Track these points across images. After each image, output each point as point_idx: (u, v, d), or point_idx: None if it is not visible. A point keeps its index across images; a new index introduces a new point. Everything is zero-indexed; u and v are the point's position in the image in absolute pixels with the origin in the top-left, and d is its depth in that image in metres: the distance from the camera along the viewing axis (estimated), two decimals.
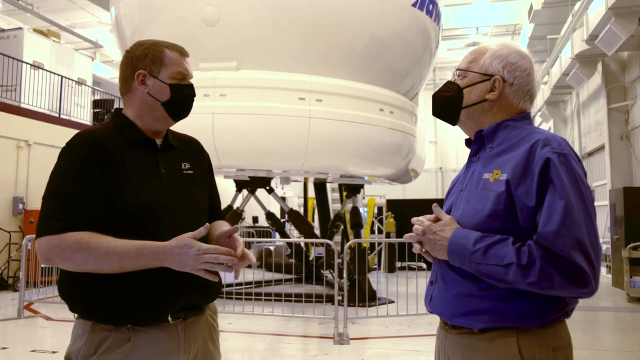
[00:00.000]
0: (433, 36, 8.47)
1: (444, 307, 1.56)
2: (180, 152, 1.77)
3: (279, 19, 6.99)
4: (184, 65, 1.72)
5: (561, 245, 1.33)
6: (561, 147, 1.44)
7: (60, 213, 1.52)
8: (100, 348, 1.54)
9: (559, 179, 1.39)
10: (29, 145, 11.11)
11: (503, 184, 1.45)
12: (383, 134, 7.65)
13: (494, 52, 1.61)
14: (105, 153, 1.59)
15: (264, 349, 5.81)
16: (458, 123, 1.69)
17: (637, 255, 8.96)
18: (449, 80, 1.70)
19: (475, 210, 1.50)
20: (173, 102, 1.69)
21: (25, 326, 6.83)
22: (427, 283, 1.68)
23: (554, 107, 17.75)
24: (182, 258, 1.47)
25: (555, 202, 1.37)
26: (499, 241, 1.41)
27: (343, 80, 7.34)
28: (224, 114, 6.96)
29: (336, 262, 6.78)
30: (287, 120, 7.01)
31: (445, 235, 1.50)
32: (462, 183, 1.64)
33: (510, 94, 1.60)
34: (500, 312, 1.44)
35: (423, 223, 1.55)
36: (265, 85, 7.09)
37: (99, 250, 1.48)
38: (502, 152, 1.54)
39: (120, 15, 7.97)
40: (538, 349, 1.43)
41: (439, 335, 1.66)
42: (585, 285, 1.35)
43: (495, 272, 1.39)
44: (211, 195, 1.85)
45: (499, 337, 1.45)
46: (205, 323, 1.73)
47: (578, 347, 5.87)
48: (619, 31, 9.39)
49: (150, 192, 1.61)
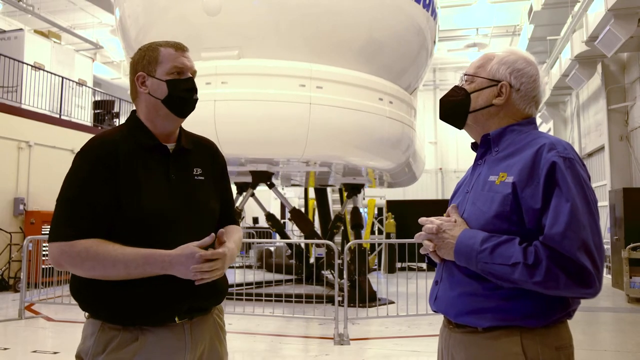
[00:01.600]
0: (429, 31, 8.54)
1: (449, 306, 1.58)
2: (193, 157, 1.78)
3: (280, 9, 7.11)
4: (179, 59, 1.71)
5: (567, 247, 1.36)
6: (567, 151, 1.47)
7: (70, 220, 1.55)
8: (108, 347, 1.57)
9: (564, 183, 1.42)
10: (30, 146, 11.12)
11: (509, 186, 1.48)
12: (382, 123, 7.73)
13: (502, 59, 1.65)
14: (116, 159, 1.61)
15: (265, 350, 5.83)
16: (464, 127, 1.73)
17: (637, 255, 8.97)
18: (456, 85, 1.73)
19: (482, 211, 1.53)
20: (172, 97, 1.69)
21: (26, 327, 6.84)
22: (432, 283, 1.70)
23: (553, 108, 17.76)
24: (187, 267, 1.51)
25: (561, 205, 1.40)
26: (506, 241, 1.44)
27: (343, 69, 7.44)
28: (225, 101, 7.04)
29: (336, 262, 6.80)
30: (288, 106, 7.10)
31: (454, 234, 1.53)
32: (468, 185, 1.68)
33: (516, 100, 1.63)
34: (505, 312, 1.47)
35: (434, 222, 1.58)
36: (266, 73, 7.18)
37: (106, 259, 1.51)
38: (508, 155, 1.57)
39: (125, 16, 8.02)
40: (541, 348, 1.45)
41: (442, 335, 1.68)
42: (590, 286, 1.38)
43: (501, 272, 1.42)
44: (224, 199, 1.85)
45: (502, 336, 1.47)
46: (212, 322, 1.75)
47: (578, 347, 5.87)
48: (619, 32, 9.40)
49: (159, 199, 1.63)
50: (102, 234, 1.55)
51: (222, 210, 1.82)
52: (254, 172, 8.71)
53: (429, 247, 1.60)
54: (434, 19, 8.66)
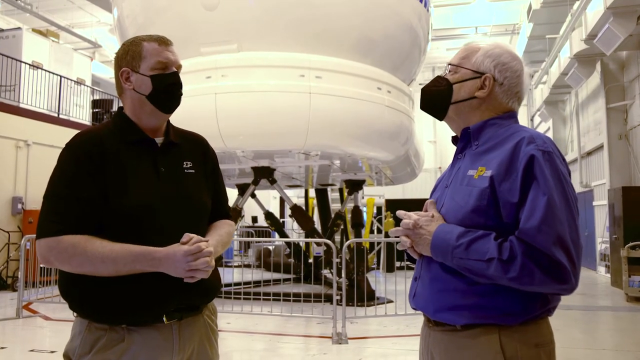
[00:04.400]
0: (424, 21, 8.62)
1: (427, 302, 1.56)
2: (182, 151, 1.75)
3: (277, 2, 7.19)
4: (163, 54, 1.67)
5: (542, 241, 1.34)
6: (545, 145, 1.45)
7: (56, 216, 1.53)
8: (95, 347, 1.55)
9: (542, 176, 1.40)
10: (28, 145, 11.11)
11: (487, 180, 1.46)
12: (381, 112, 7.78)
13: (487, 51, 1.63)
14: (102, 153, 1.59)
15: (263, 349, 5.81)
16: (445, 119, 1.70)
17: (636, 254, 8.97)
18: (439, 75, 1.71)
19: (459, 206, 1.51)
20: (157, 93, 1.65)
21: (24, 326, 6.83)
22: (412, 280, 1.68)
23: (552, 107, 17.75)
24: (176, 265, 1.50)
25: (537, 199, 1.38)
26: (482, 236, 1.42)
27: (341, 59, 7.51)
28: (225, 94, 7.08)
29: (335, 261, 6.79)
30: (288, 96, 7.16)
31: (430, 230, 1.50)
32: (447, 180, 1.66)
33: (499, 93, 1.61)
34: (482, 309, 1.45)
35: (411, 217, 1.55)
36: (266, 64, 7.26)
37: (94, 255, 1.49)
38: (488, 149, 1.55)
39: (123, 15, 8.03)
40: (520, 346, 1.43)
41: (422, 333, 1.66)
42: (565, 282, 1.35)
43: (476, 267, 1.40)
44: (216, 193, 1.82)
45: (481, 334, 1.45)
46: (202, 323, 1.72)
47: (576, 346, 5.89)
48: (618, 31, 9.40)
49: (148, 191, 1.61)
50: (90, 229, 1.53)
51: (214, 204, 1.80)
52: (255, 167, 8.71)
53: (407, 243, 1.57)
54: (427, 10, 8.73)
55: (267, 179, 8.92)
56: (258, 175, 8.88)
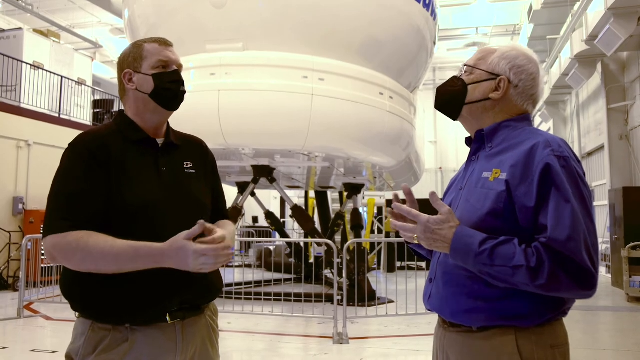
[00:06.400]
0: (430, 30, 8.57)
1: (443, 304, 1.56)
2: (183, 152, 1.78)
3: (284, 3, 7.23)
4: (163, 53, 1.72)
5: (573, 249, 1.34)
6: (561, 149, 1.45)
7: (62, 212, 1.55)
8: (98, 347, 1.55)
9: (562, 183, 1.40)
10: (29, 146, 11.11)
11: (503, 184, 1.46)
12: (383, 117, 7.80)
13: (503, 53, 1.63)
14: (106, 152, 1.61)
15: (264, 349, 5.82)
16: (459, 118, 1.70)
17: (637, 255, 8.97)
18: (454, 75, 1.71)
19: (475, 208, 1.50)
20: (159, 90, 1.69)
21: (25, 326, 6.83)
22: (426, 281, 1.68)
23: (553, 107, 17.75)
24: (180, 258, 1.48)
25: (561, 206, 1.38)
26: (505, 242, 1.40)
27: (345, 62, 7.54)
28: (229, 91, 7.11)
29: (335, 261, 6.79)
30: (291, 96, 7.19)
31: (446, 235, 1.46)
32: (461, 182, 1.65)
33: (514, 96, 1.61)
34: (499, 311, 1.45)
35: (419, 218, 1.50)
36: (270, 64, 7.28)
37: (96, 251, 1.49)
38: (502, 151, 1.55)
39: (135, 16, 8.06)
40: (536, 348, 1.44)
41: (437, 334, 1.66)
42: (591, 287, 1.37)
43: (501, 274, 1.39)
44: (215, 195, 1.85)
45: (497, 336, 1.46)
46: (204, 324, 1.73)
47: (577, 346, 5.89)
48: (618, 31, 9.40)
49: (149, 190, 1.62)
50: (95, 226, 1.54)
51: (214, 205, 1.82)
52: (255, 166, 8.72)
53: (412, 239, 1.54)
54: (434, 19, 8.68)
55: (266, 178, 8.93)
56: (257, 174, 8.89)
